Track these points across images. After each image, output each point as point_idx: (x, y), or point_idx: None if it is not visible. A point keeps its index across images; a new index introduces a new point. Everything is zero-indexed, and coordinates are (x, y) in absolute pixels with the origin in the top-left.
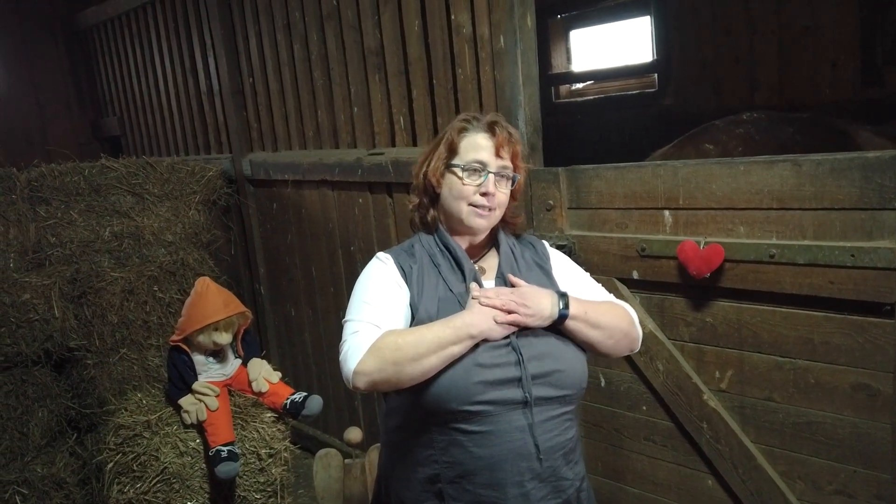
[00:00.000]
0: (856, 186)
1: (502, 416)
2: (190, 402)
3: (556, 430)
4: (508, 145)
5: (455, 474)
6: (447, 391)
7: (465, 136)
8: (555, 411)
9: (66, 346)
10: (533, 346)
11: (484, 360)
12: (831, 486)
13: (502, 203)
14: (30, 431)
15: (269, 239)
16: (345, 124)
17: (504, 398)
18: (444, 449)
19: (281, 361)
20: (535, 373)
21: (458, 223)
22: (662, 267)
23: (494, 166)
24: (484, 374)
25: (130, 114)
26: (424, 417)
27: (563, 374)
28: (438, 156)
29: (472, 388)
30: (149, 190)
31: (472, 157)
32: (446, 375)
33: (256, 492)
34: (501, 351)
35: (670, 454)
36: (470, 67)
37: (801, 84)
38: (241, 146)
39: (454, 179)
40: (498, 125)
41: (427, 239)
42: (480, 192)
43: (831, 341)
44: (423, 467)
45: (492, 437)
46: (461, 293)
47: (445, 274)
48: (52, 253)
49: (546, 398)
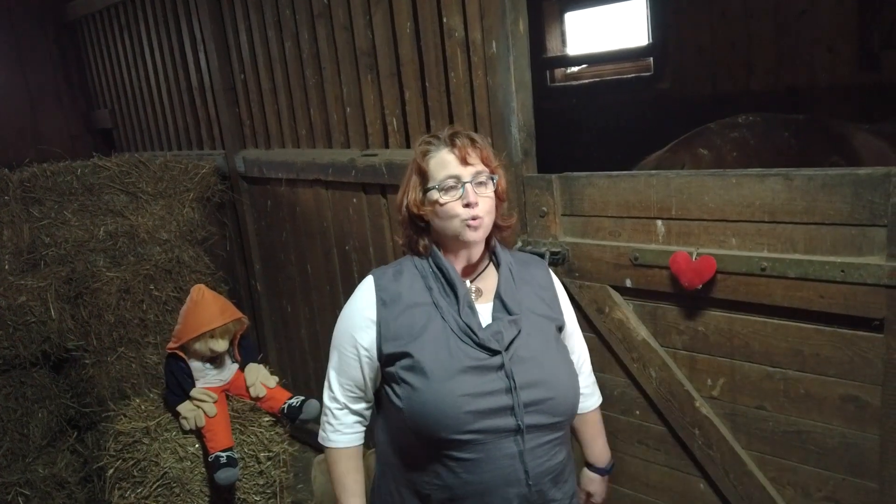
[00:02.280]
0: (847, 202)
1: (493, 443)
2: (188, 409)
3: (545, 456)
4: (474, 150)
5: (445, 497)
6: (437, 421)
7: (430, 158)
8: (545, 437)
9: (63, 346)
10: (527, 371)
11: (474, 389)
12: (820, 493)
13: (489, 209)
14: (30, 432)
15: (264, 236)
16: (338, 124)
17: (495, 427)
18: (434, 472)
19: (278, 357)
20: (528, 400)
21: (453, 241)
22: (655, 276)
23: (468, 175)
24: (475, 404)
25: (122, 107)
26: (415, 441)
27: (556, 402)
28: (413, 185)
29: (462, 418)
30: (142, 188)
31: (444, 175)
32: (436, 405)
33: (256, 494)
34: (493, 376)
35: (663, 458)
36: (462, 71)
37: (798, 68)
38: (234, 143)
39: (436, 203)
40: (458, 136)
41: (420, 261)
42: (463, 203)
43: (821, 353)
44: (412, 485)
45: (482, 465)
46: (454, 323)
47: (437, 299)
48: (47, 253)
49: (538, 426)
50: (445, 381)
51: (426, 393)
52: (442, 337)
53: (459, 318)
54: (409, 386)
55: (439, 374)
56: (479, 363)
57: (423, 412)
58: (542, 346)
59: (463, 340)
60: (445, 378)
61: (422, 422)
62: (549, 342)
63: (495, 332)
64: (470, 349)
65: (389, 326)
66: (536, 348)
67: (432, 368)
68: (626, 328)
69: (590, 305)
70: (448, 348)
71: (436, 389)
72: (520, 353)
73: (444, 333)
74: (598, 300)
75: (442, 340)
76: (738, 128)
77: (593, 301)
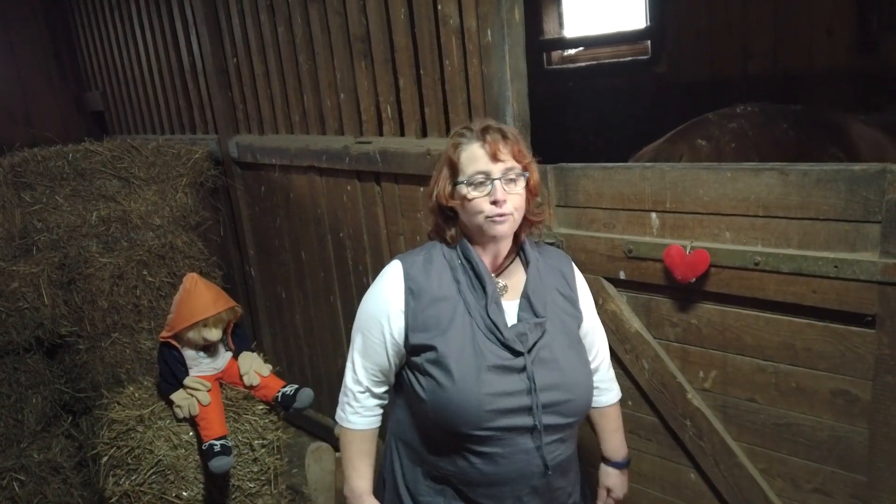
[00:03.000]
0: (841, 198)
1: (511, 440)
2: (182, 398)
3: (558, 451)
4: (505, 146)
5: (460, 482)
6: (458, 417)
7: (461, 151)
8: (560, 434)
9: (57, 332)
10: (548, 374)
11: (497, 388)
12: (809, 485)
13: (519, 206)
14: (24, 418)
15: (258, 221)
16: (331, 110)
17: (513, 425)
18: (451, 460)
19: (272, 343)
20: (546, 402)
21: (479, 235)
22: (649, 268)
23: (497, 172)
24: (496, 403)
25: (114, 88)
26: (435, 430)
27: (573, 404)
28: (444, 177)
29: (483, 416)
30: (135, 173)
31: (474, 170)
32: (458, 401)
33: (251, 481)
34: (515, 377)
35: (655, 448)
36: (457, 59)
37: (796, 52)
38: (227, 127)
39: (464, 196)
40: (489, 130)
41: (448, 250)
42: (490, 200)
43: (813, 348)
44: (429, 466)
45: (498, 459)
46: (479, 319)
47: (465, 293)
48: (39, 238)
49: (553, 425)
50: (470, 379)
51: (450, 390)
52: (468, 333)
53: (486, 315)
54: (433, 380)
55: (464, 371)
56: (503, 363)
57: (445, 407)
58: (564, 348)
59: (488, 338)
60: (470, 376)
61: (443, 416)
62: (571, 343)
63: (520, 333)
64: (494, 347)
65: (417, 317)
66: (558, 350)
67: (458, 365)
68: (619, 320)
69: None
70: (473, 345)
71: (460, 387)
72: (541, 355)
73: (471, 329)
74: (593, 291)
75: (468, 336)
76: (737, 118)
77: None
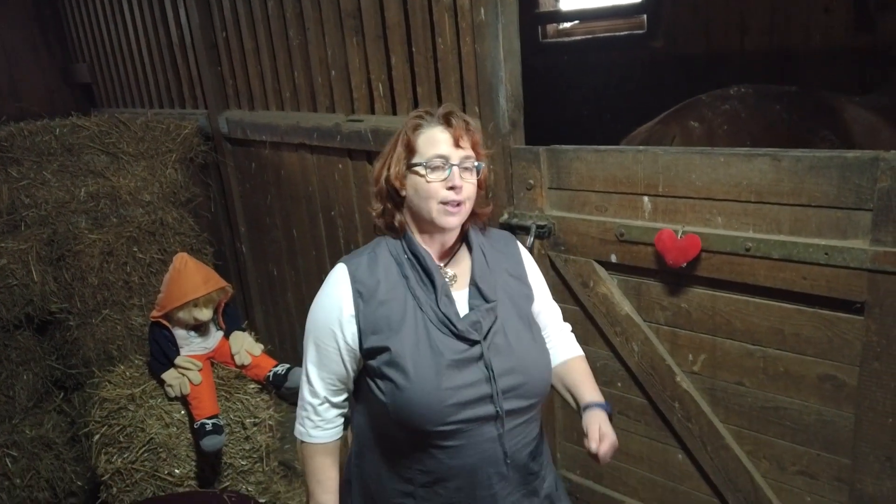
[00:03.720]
0: (833, 185)
1: (474, 430)
2: (173, 377)
3: (522, 434)
4: (467, 134)
5: (428, 480)
6: (421, 416)
7: (421, 133)
8: (522, 418)
9: (47, 309)
10: (504, 359)
11: (456, 382)
12: (794, 467)
13: (471, 195)
14: (16, 394)
15: (249, 198)
16: (322, 87)
17: (476, 415)
18: (417, 459)
19: (265, 320)
20: (505, 387)
21: (428, 224)
22: (640, 252)
23: (457, 158)
24: (457, 396)
25: (101, 61)
26: (397, 431)
27: (530, 386)
28: (398, 158)
29: (445, 411)
30: (123, 149)
31: (433, 153)
32: (419, 401)
33: (242, 458)
34: (473, 368)
35: (643, 429)
36: (450, 37)
37: (793, 29)
38: (216, 102)
39: (418, 179)
40: (453, 115)
41: (394, 244)
42: (447, 186)
43: (801, 333)
44: (395, 469)
45: (464, 450)
46: (432, 314)
47: (414, 288)
48: (27, 214)
49: (515, 409)
50: (429, 378)
51: (409, 390)
52: (422, 329)
53: (438, 309)
54: (390, 382)
55: (422, 370)
56: (461, 356)
57: (407, 408)
58: (517, 330)
59: (442, 332)
60: (429, 374)
61: (404, 416)
62: (524, 325)
63: (473, 322)
64: (450, 341)
65: (368, 320)
66: (511, 334)
67: (414, 364)
68: (610, 303)
69: (575, 279)
70: (428, 341)
71: (420, 387)
72: (496, 341)
73: (424, 325)
74: (584, 274)
75: (422, 333)
76: (730, 100)
77: (578, 275)
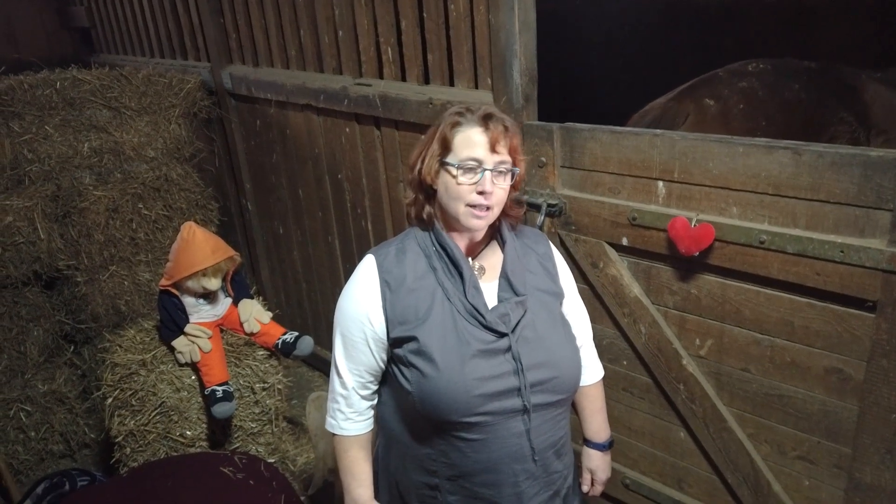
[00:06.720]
0: (854, 183)
1: (501, 424)
2: (183, 344)
3: (550, 431)
4: (505, 139)
5: (452, 474)
6: (447, 406)
7: (458, 132)
8: (550, 413)
9: (54, 266)
10: (533, 352)
11: (483, 373)
12: (795, 452)
13: (500, 200)
14: (27, 350)
15: (254, 155)
16: (329, 47)
17: (503, 408)
18: (442, 451)
19: (271, 277)
20: (534, 381)
21: (454, 222)
22: (652, 237)
23: (491, 163)
24: (484, 387)
25: (100, 4)
26: (422, 421)
27: (560, 380)
28: (432, 153)
29: (472, 402)
30: (125, 104)
31: (467, 155)
32: (445, 390)
33: (252, 421)
34: (500, 359)
35: (647, 406)
36: (463, 5)
37: None
38: (219, 56)
39: (449, 178)
40: (492, 119)
41: (423, 237)
42: (477, 190)
43: (811, 326)
44: (420, 461)
45: (490, 444)
46: (460, 304)
47: (442, 280)
48: (31, 169)
49: (543, 404)
50: (455, 367)
51: (436, 379)
52: (449, 319)
53: (465, 300)
54: (418, 371)
55: (449, 359)
56: (488, 346)
57: (433, 397)
58: (547, 325)
59: (470, 322)
60: (455, 363)
61: (431, 406)
62: (554, 320)
63: (502, 314)
64: (477, 331)
65: (396, 310)
66: (541, 328)
67: (441, 353)
68: (619, 284)
69: (584, 259)
70: (456, 331)
71: (446, 376)
72: (525, 334)
73: (451, 316)
74: (594, 255)
75: (449, 323)
76: (747, 76)
77: (588, 255)
